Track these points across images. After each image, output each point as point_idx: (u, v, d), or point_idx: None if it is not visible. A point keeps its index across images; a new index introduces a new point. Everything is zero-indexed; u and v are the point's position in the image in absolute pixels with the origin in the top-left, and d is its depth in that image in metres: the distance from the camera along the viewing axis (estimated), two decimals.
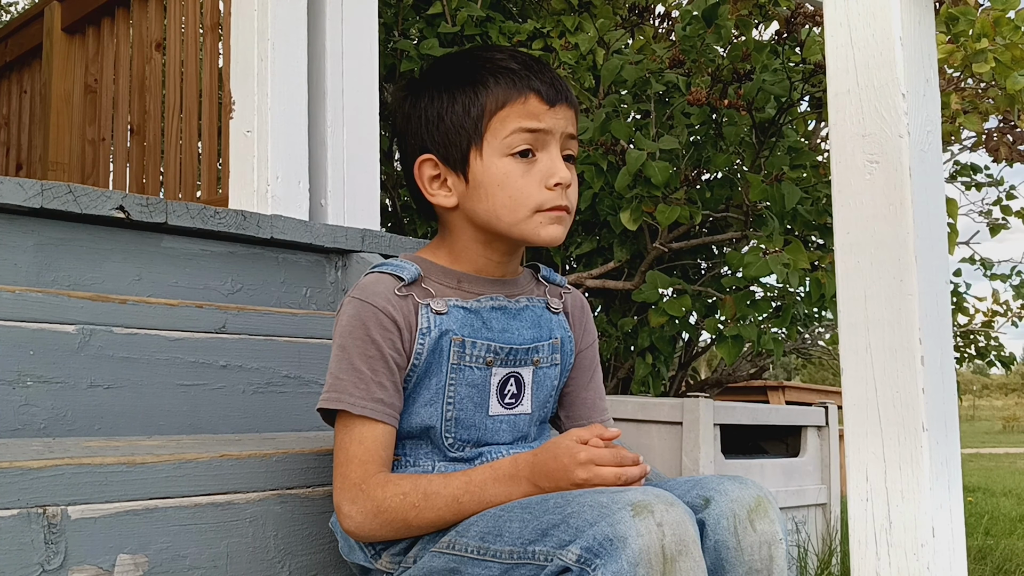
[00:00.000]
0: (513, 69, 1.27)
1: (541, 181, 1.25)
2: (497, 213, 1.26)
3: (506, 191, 1.25)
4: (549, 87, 1.27)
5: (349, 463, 1.21)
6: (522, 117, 1.25)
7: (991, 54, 2.60)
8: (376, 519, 1.18)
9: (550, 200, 1.26)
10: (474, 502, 1.17)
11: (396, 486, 1.19)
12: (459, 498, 1.17)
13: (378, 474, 1.21)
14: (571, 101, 1.30)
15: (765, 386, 6.09)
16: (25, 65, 3.85)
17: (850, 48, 1.16)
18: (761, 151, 3.59)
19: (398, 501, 1.18)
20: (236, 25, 2.43)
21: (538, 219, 1.26)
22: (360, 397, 1.21)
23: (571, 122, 1.30)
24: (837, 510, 3.22)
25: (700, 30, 3.42)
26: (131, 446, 1.34)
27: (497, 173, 1.25)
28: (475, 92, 1.27)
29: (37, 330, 1.53)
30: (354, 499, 1.20)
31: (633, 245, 3.76)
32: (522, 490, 1.16)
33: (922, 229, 1.10)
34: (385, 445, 1.23)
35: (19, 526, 1.10)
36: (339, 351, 1.25)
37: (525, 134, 1.25)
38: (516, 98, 1.26)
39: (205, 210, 2.00)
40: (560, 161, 1.27)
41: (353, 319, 1.24)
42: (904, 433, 1.08)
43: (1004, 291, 4.84)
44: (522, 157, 1.25)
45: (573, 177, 1.30)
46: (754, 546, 1.15)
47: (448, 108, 1.28)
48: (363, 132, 2.54)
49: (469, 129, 1.27)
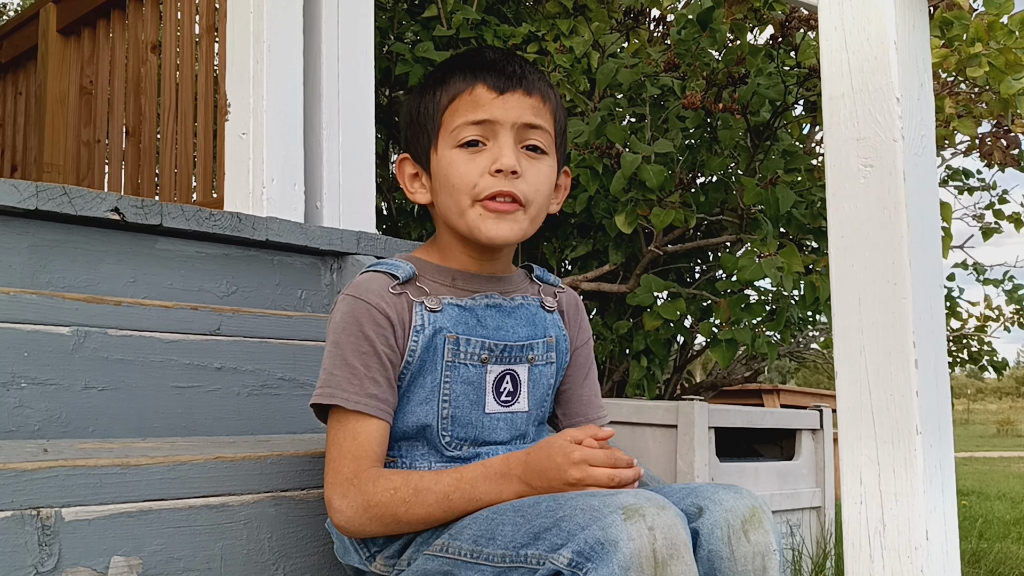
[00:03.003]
0: (468, 64, 1.28)
1: (485, 168, 1.24)
2: (447, 204, 1.28)
3: (450, 179, 1.26)
4: (498, 76, 1.26)
5: (342, 458, 1.21)
6: (468, 108, 1.25)
7: (985, 58, 2.61)
8: (366, 514, 1.18)
9: (491, 186, 1.23)
10: (464, 499, 1.16)
11: (387, 481, 1.19)
12: (449, 495, 1.17)
13: (370, 469, 1.20)
14: (530, 88, 1.27)
15: (760, 389, 6.10)
16: (20, 67, 3.84)
17: (845, 52, 1.16)
18: (756, 155, 3.60)
19: (388, 496, 1.17)
20: (232, 28, 2.43)
21: (478, 210, 1.24)
22: (353, 392, 1.21)
23: (529, 110, 1.26)
24: (831, 513, 3.23)
25: (695, 34, 3.43)
26: (125, 448, 1.33)
27: (445, 163, 1.27)
28: (434, 91, 1.29)
29: (31, 332, 1.53)
30: (345, 493, 1.19)
31: (628, 248, 3.76)
32: (513, 489, 1.16)
33: (916, 233, 1.10)
34: (378, 441, 1.23)
35: (13, 528, 1.10)
36: (333, 347, 1.25)
37: (471, 126, 1.25)
38: (464, 90, 1.26)
39: (200, 212, 2.00)
40: (508, 148, 1.24)
41: (347, 316, 1.24)
42: (898, 436, 1.08)
43: (997, 296, 4.86)
44: (470, 147, 1.25)
45: (535, 169, 1.27)
46: (747, 557, 1.15)
47: (416, 108, 1.32)
48: (358, 135, 2.54)
49: (429, 126, 1.29)
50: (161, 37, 2.95)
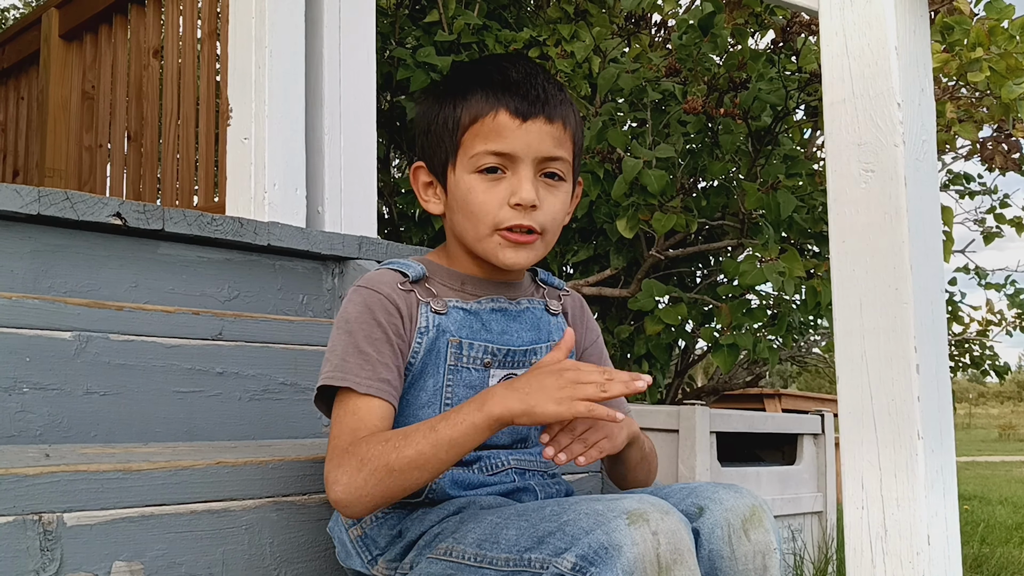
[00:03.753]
0: (490, 81, 1.26)
1: (504, 199, 1.24)
2: (463, 227, 1.28)
3: (469, 206, 1.25)
4: (522, 100, 1.24)
5: (341, 434, 1.19)
6: (489, 136, 1.24)
7: (986, 63, 2.61)
8: (360, 473, 1.14)
9: (509, 218, 1.24)
10: (449, 425, 1.13)
11: (380, 435, 1.16)
12: (435, 425, 1.13)
13: (366, 436, 1.18)
14: (552, 115, 1.25)
15: (761, 394, 6.09)
16: (23, 72, 3.85)
17: (846, 57, 1.16)
18: (757, 159, 3.60)
19: (380, 447, 1.14)
20: (234, 33, 2.44)
21: (496, 239, 1.25)
22: (366, 377, 1.20)
23: (550, 139, 1.25)
24: (833, 518, 3.22)
25: (696, 39, 3.43)
26: (127, 453, 1.33)
27: (464, 188, 1.26)
28: (454, 105, 1.27)
29: (33, 336, 1.53)
30: (340, 463, 1.16)
31: (629, 253, 3.77)
32: (496, 399, 1.12)
33: (917, 238, 1.11)
34: (380, 417, 1.20)
35: (15, 533, 1.10)
36: (345, 336, 1.23)
37: (491, 156, 1.24)
38: (487, 113, 1.24)
39: (202, 217, 2.00)
40: (527, 182, 1.23)
41: (359, 305, 1.25)
42: (899, 441, 1.08)
43: (999, 300, 4.85)
44: (489, 173, 1.25)
45: (553, 197, 1.26)
46: (748, 555, 1.15)
47: (434, 119, 1.30)
48: (360, 140, 2.54)
49: (447, 142, 1.28)
50: (163, 42, 2.96)
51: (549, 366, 1.14)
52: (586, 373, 1.11)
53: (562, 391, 1.09)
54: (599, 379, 1.10)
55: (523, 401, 1.11)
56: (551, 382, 1.11)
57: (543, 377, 1.12)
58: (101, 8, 3.17)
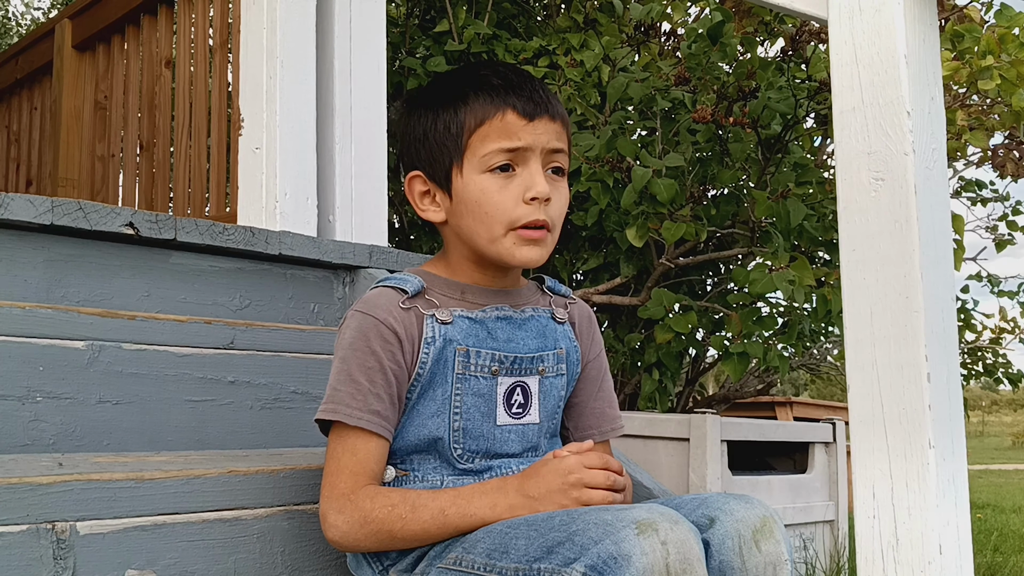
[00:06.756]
0: (492, 85, 1.28)
1: (519, 196, 1.25)
2: (476, 229, 1.28)
3: (483, 207, 1.26)
4: (527, 101, 1.26)
5: (339, 473, 1.22)
6: (500, 135, 1.26)
7: (996, 71, 2.61)
8: (362, 529, 1.19)
9: (526, 215, 1.25)
10: (459, 514, 1.17)
11: (385, 498, 1.20)
12: (445, 510, 1.18)
13: (367, 486, 1.21)
14: (554, 113, 1.29)
15: (773, 402, 6.07)
16: (36, 82, 3.88)
17: (855, 66, 1.16)
18: (767, 168, 3.60)
19: (386, 512, 1.18)
20: (245, 43, 2.45)
21: (512, 239, 1.26)
22: (356, 408, 1.22)
23: (555, 135, 1.28)
24: (845, 527, 3.21)
25: (705, 48, 3.44)
26: (139, 462, 1.34)
27: (475, 190, 1.26)
28: (455, 110, 1.28)
29: (47, 346, 1.54)
30: (341, 509, 1.20)
31: (639, 261, 3.76)
32: (508, 501, 1.17)
33: (927, 246, 1.11)
34: (377, 459, 1.23)
35: (28, 542, 1.10)
36: (340, 363, 1.25)
37: (504, 153, 1.25)
38: (494, 114, 1.26)
39: (214, 226, 2.01)
40: (540, 176, 1.26)
41: (355, 331, 1.25)
42: (911, 450, 1.08)
43: (1012, 308, 4.83)
44: (501, 172, 1.26)
45: (559, 192, 1.29)
46: (759, 567, 1.14)
47: (432, 126, 1.30)
48: (371, 149, 2.55)
49: (450, 147, 1.28)
50: (175, 53, 2.97)
51: (558, 470, 1.17)
52: (592, 476, 1.17)
53: (567, 496, 1.16)
54: (604, 482, 1.17)
55: (531, 509, 1.17)
56: (557, 485, 1.17)
57: (551, 478, 1.17)
58: (114, 19, 3.19)
